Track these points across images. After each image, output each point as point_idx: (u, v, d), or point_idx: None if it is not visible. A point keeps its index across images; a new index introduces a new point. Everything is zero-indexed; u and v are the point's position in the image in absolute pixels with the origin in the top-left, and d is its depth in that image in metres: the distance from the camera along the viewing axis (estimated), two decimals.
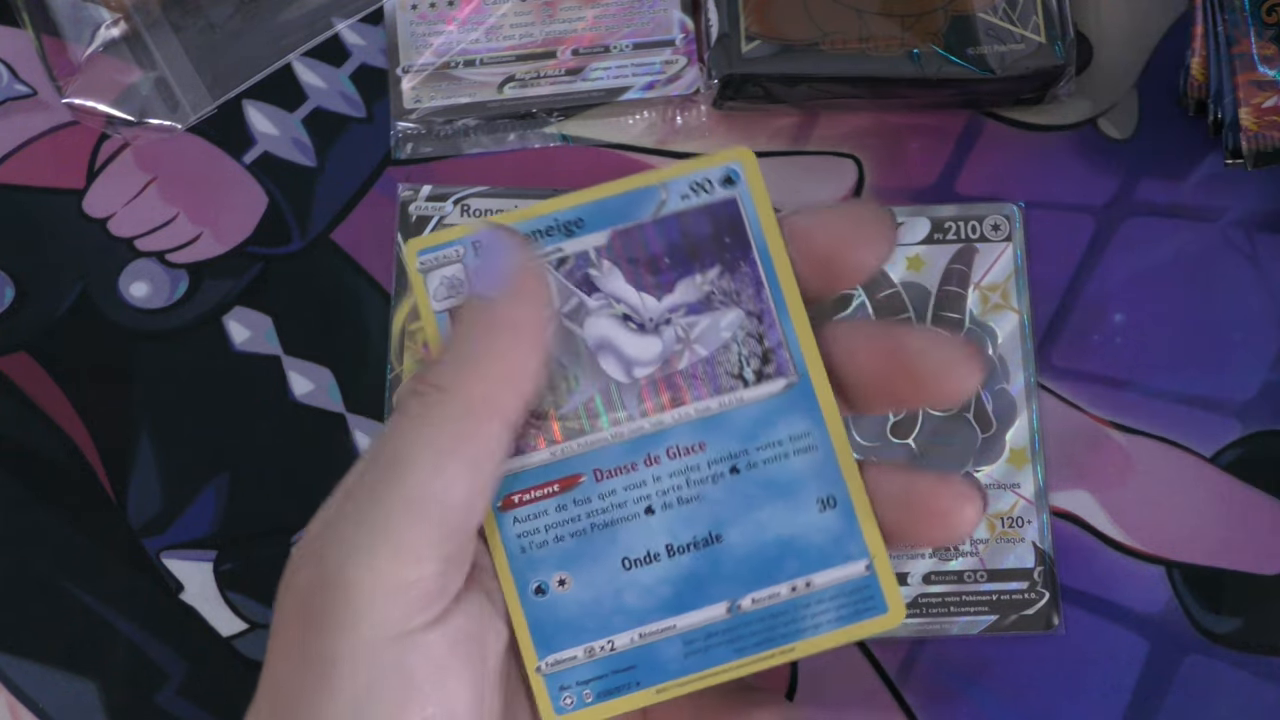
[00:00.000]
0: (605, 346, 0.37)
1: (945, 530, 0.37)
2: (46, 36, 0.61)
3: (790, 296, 0.37)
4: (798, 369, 0.37)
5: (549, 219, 0.38)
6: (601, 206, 0.38)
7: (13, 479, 0.59)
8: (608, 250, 0.38)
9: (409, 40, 0.62)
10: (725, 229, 0.38)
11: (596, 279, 0.38)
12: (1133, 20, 0.63)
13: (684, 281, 0.38)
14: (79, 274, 0.61)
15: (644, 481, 0.37)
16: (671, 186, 0.38)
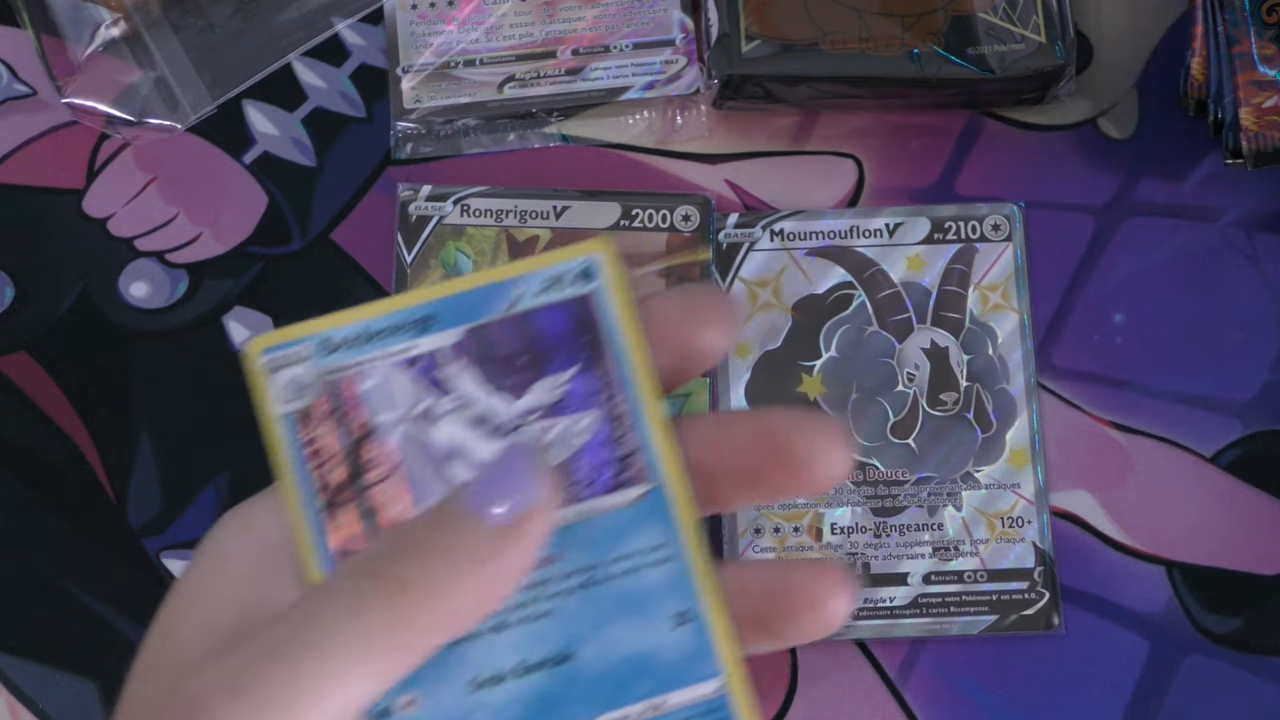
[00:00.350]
0: (455, 452, 0.36)
1: (818, 619, 0.35)
2: (46, 36, 0.61)
3: (649, 398, 0.36)
4: (655, 475, 0.36)
5: (400, 315, 0.36)
6: (455, 302, 0.36)
7: (13, 479, 0.59)
8: (460, 349, 0.36)
9: (409, 40, 0.62)
10: (582, 327, 0.36)
11: (448, 380, 0.36)
12: (1133, 20, 0.63)
13: (539, 383, 0.36)
14: (79, 274, 0.61)
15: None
16: (527, 281, 0.36)
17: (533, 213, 0.60)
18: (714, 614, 0.35)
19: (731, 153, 0.62)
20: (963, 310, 0.59)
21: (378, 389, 0.36)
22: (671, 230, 0.60)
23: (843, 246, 0.60)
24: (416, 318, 0.36)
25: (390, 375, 0.36)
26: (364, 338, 0.36)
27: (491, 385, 0.36)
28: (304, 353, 0.36)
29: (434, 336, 0.36)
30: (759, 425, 0.35)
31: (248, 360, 0.36)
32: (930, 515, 0.58)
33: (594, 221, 0.60)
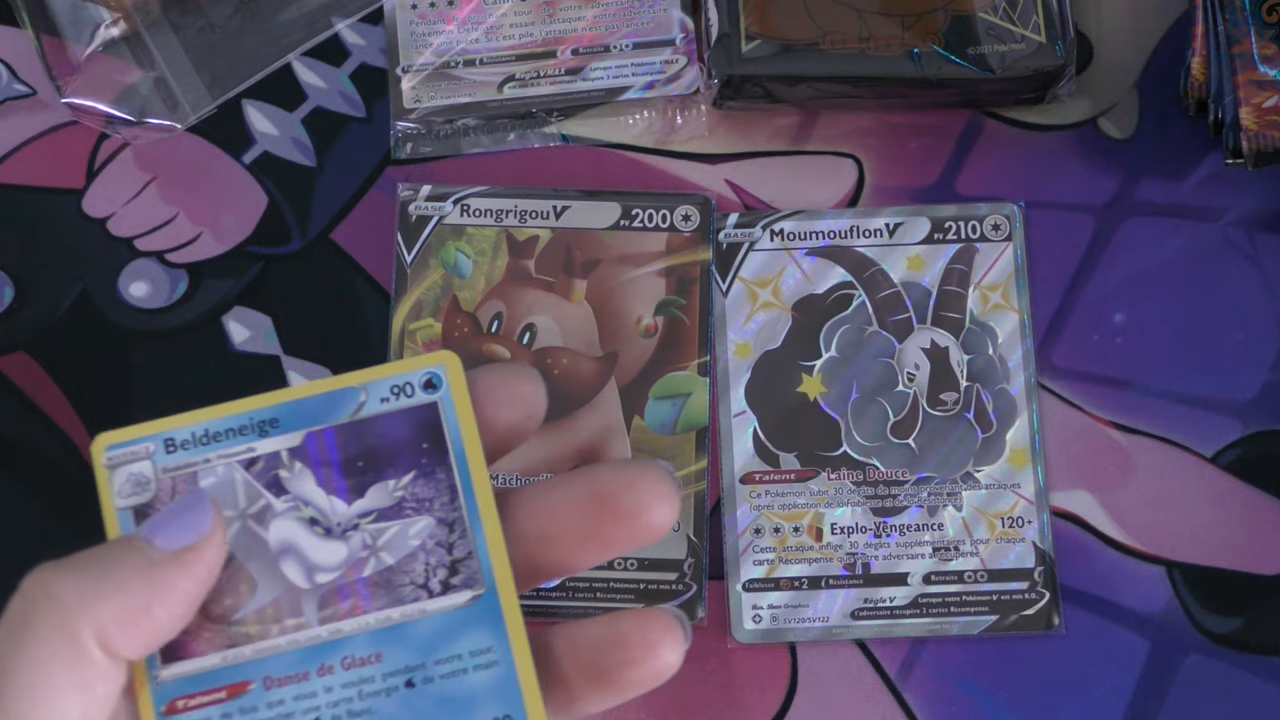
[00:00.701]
0: (289, 550, 0.36)
1: (653, 666, 0.36)
2: (46, 36, 0.61)
3: (484, 506, 0.36)
4: (486, 581, 0.36)
5: (243, 418, 0.37)
6: (298, 407, 0.37)
7: (13, 479, 0.59)
8: (300, 452, 0.37)
9: (409, 40, 0.62)
10: (423, 434, 0.37)
11: (286, 481, 0.37)
12: (1133, 20, 0.63)
13: (376, 486, 0.37)
14: (79, 274, 0.61)
15: (315, 692, 0.36)
16: (371, 389, 0.37)
17: (533, 213, 0.60)
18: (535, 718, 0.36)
19: (731, 153, 0.62)
20: (963, 310, 0.59)
21: (216, 487, 0.37)
22: (671, 230, 0.60)
23: (843, 246, 0.60)
24: (258, 421, 0.37)
25: (229, 474, 0.37)
26: (206, 438, 0.37)
27: (328, 487, 0.37)
28: (146, 450, 0.38)
29: (274, 439, 0.37)
30: (589, 484, 0.36)
31: (93, 455, 0.38)
32: (930, 515, 0.58)
33: (594, 221, 0.60)
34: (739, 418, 0.59)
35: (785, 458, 0.58)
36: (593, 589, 0.57)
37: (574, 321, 0.60)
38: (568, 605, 0.57)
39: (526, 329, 0.59)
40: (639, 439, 0.58)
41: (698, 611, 0.57)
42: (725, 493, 0.58)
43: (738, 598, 0.57)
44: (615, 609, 0.57)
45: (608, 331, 0.59)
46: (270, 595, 0.36)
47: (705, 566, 0.57)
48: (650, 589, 0.57)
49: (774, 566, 0.57)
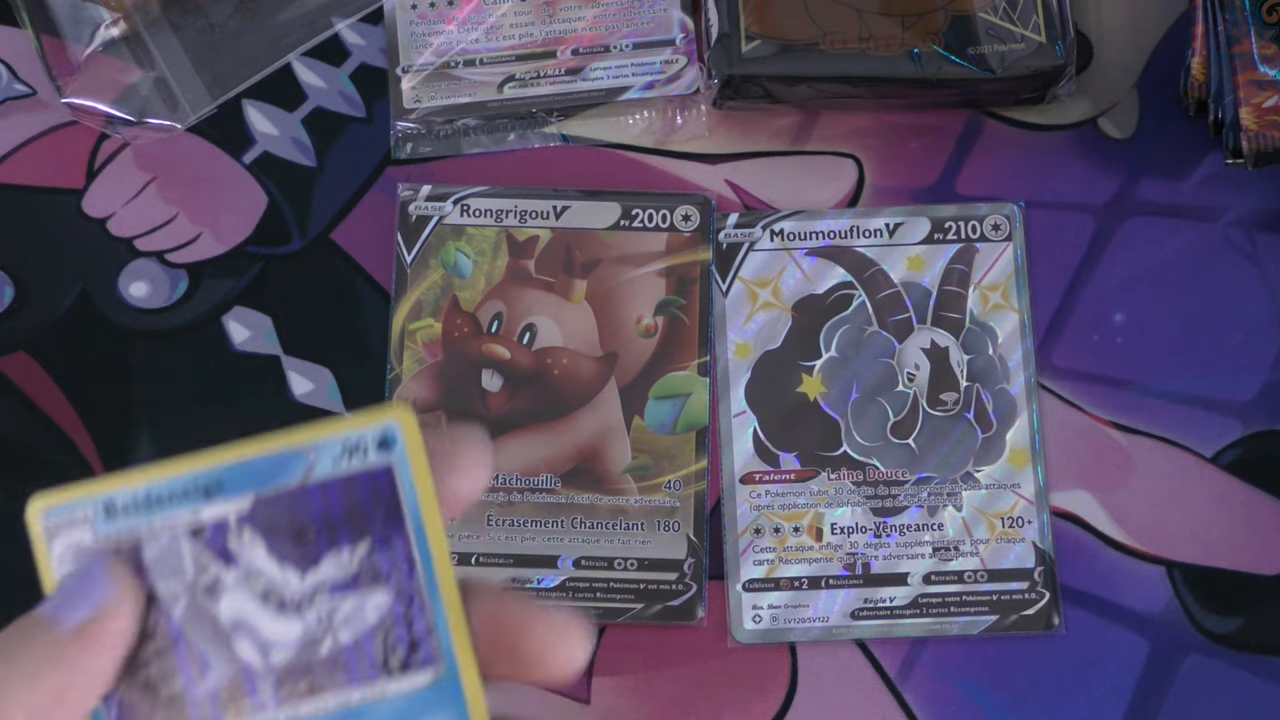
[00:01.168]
0: (241, 626, 0.34)
1: (566, 659, 0.34)
2: (46, 36, 0.61)
3: (444, 578, 0.34)
4: (446, 659, 0.34)
5: (186, 480, 0.34)
6: (245, 468, 0.34)
7: (13, 479, 0.59)
8: (248, 519, 0.34)
9: (409, 40, 0.62)
10: (378, 499, 0.35)
11: (235, 550, 0.34)
12: (1133, 20, 0.63)
13: (331, 556, 0.34)
14: (79, 274, 0.61)
15: None
16: (322, 449, 0.34)
17: (533, 213, 0.60)
18: None
19: (731, 153, 0.62)
20: (963, 310, 0.59)
21: (161, 558, 0.35)
22: (671, 230, 0.60)
23: (843, 246, 0.60)
24: (202, 484, 0.35)
25: (174, 544, 0.35)
26: (147, 502, 0.35)
27: (281, 557, 0.35)
28: (85, 515, 0.35)
29: (220, 504, 0.35)
30: (493, 611, 0.35)
31: (28, 520, 0.35)
32: (930, 515, 0.57)
33: (594, 221, 0.60)
34: (739, 418, 0.59)
35: (785, 458, 0.58)
36: (593, 589, 0.57)
37: (574, 321, 0.60)
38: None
39: (526, 329, 0.59)
40: (639, 439, 0.58)
41: (698, 612, 0.57)
42: (725, 493, 0.58)
43: (737, 597, 0.57)
44: (616, 609, 0.57)
45: (608, 331, 0.59)
46: (224, 675, 0.34)
47: (705, 566, 0.57)
48: (650, 589, 0.57)
49: (774, 566, 0.57)
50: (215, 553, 0.35)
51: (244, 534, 0.35)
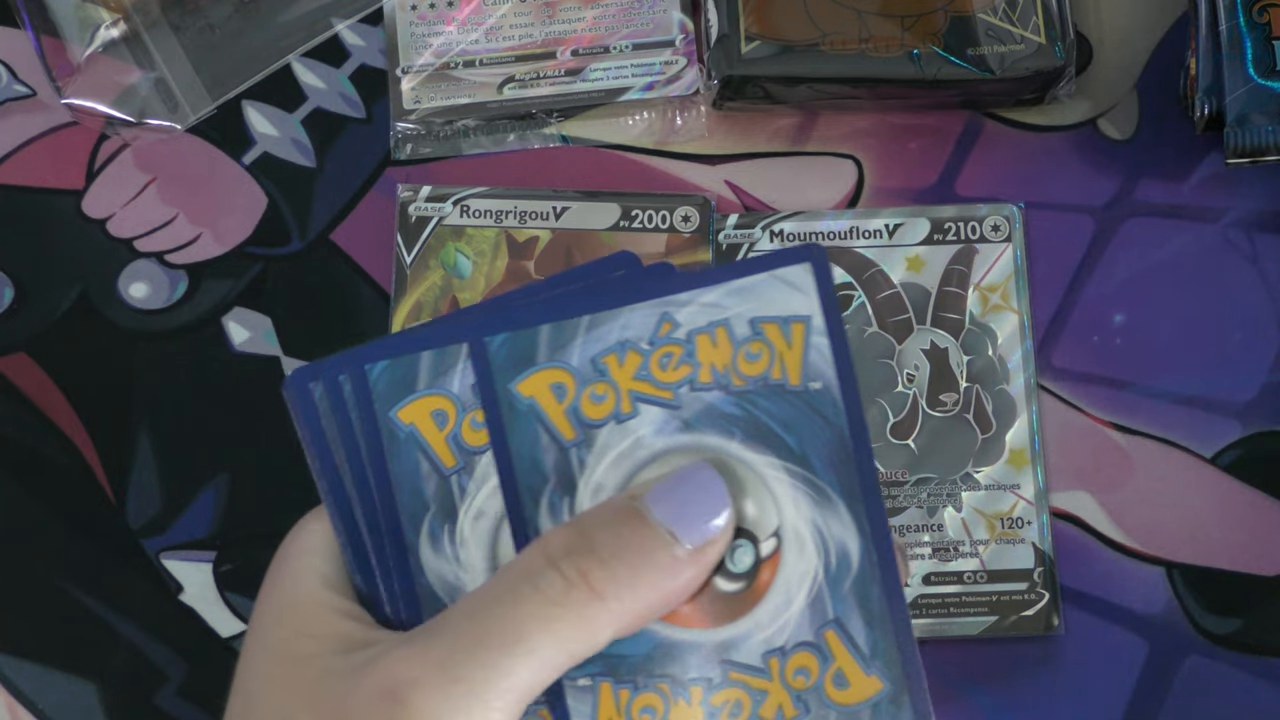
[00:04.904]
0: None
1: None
2: (46, 37, 0.61)
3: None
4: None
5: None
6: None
7: (13, 480, 0.59)
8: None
9: (409, 41, 0.62)
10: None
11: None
12: (1133, 20, 0.63)
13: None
14: (78, 274, 0.61)
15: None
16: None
17: (532, 213, 0.60)
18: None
19: (731, 153, 0.62)
20: (962, 311, 0.59)
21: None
22: (671, 231, 0.60)
23: (842, 247, 0.60)
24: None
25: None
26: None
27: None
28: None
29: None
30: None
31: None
32: (930, 516, 0.57)
33: (594, 222, 0.60)
34: None
35: None
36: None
37: None
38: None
39: None
40: None
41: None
42: None
43: None
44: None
45: None
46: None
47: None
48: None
49: None
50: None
51: None
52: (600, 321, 0.38)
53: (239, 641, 0.57)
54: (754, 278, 0.37)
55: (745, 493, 0.37)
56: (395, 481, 0.37)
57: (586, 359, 0.38)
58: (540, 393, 0.38)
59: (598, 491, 0.38)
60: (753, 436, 0.37)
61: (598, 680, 0.37)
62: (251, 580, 0.58)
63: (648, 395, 0.38)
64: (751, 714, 0.37)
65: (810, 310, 0.37)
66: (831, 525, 0.37)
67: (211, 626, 0.58)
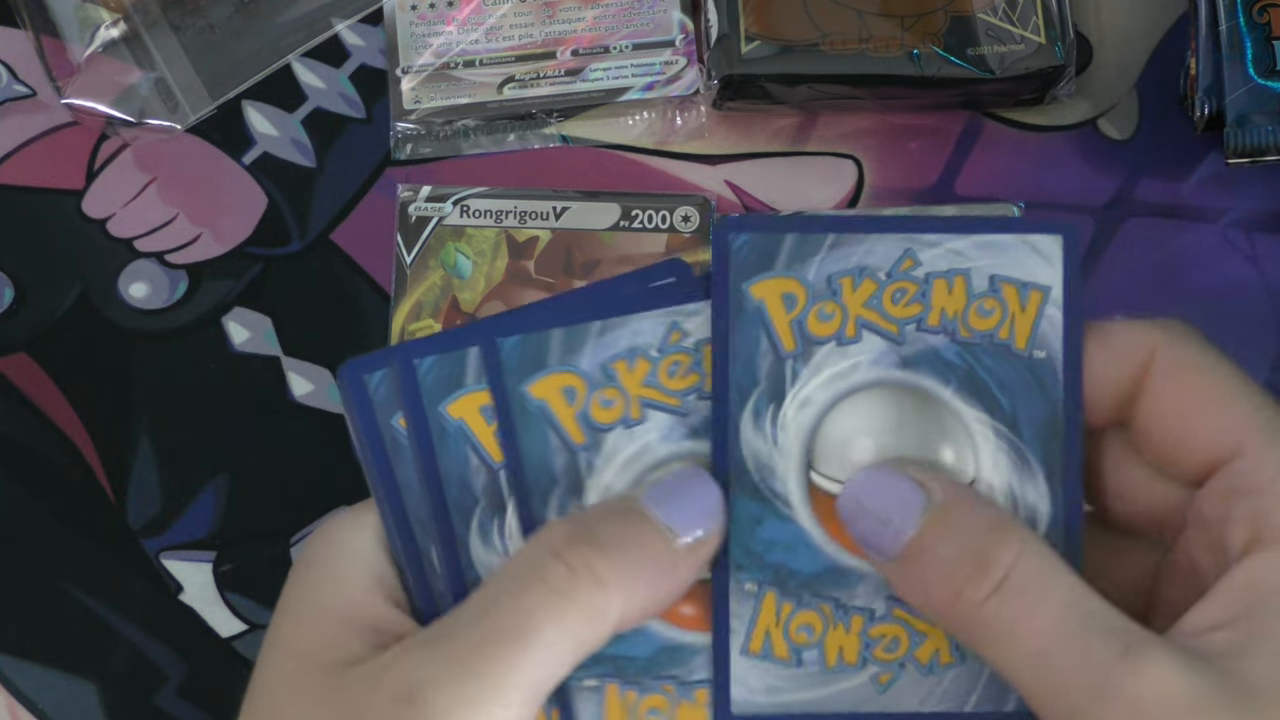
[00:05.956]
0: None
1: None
2: (46, 37, 0.61)
3: None
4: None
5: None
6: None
7: (12, 480, 0.59)
8: None
9: (409, 41, 0.62)
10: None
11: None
12: (1133, 20, 0.63)
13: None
14: (78, 274, 0.61)
15: None
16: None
17: (532, 213, 0.60)
18: None
19: (731, 153, 0.62)
20: None
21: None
22: (671, 231, 0.60)
23: None
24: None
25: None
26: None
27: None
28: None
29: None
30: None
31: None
32: None
33: (594, 222, 0.60)
34: None
35: None
36: None
37: None
38: None
39: None
40: None
41: None
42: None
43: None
44: None
45: None
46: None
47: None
48: None
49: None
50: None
51: None
52: (612, 326, 0.38)
53: (239, 641, 0.57)
54: (1004, 236, 0.37)
55: (947, 439, 0.37)
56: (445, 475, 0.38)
57: (597, 364, 0.38)
58: (551, 395, 0.38)
59: (605, 495, 0.38)
60: (968, 389, 0.37)
61: (604, 681, 0.37)
62: (252, 580, 0.58)
63: (658, 402, 0.38)
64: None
65: (1052, 281, 0.37)
66: (1027, 491, 0.37)
67: (211, 626, 0.58)
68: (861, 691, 0.37)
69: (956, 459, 0.37)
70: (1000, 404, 0.37)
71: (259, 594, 0.58)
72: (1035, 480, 0.37)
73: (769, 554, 0.37)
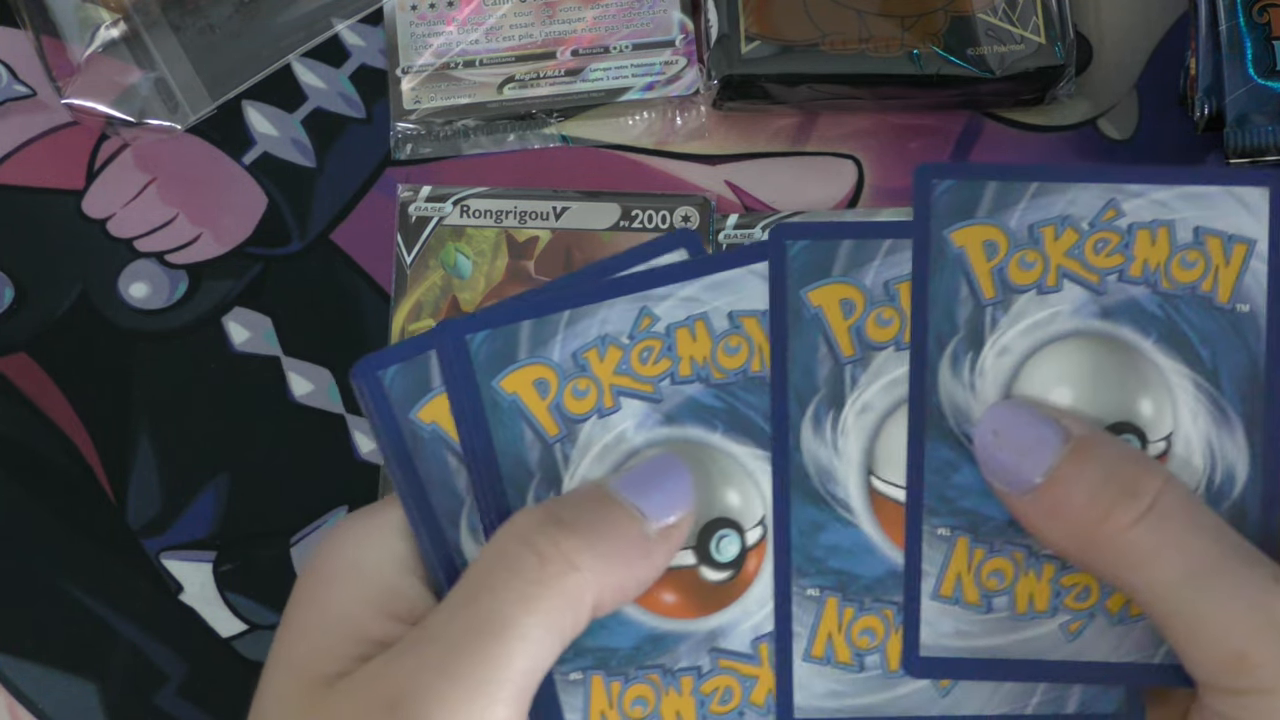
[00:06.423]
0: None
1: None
2: (46, 37, 0.61)
3: None
4: None
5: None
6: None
7: (13, 480, 0.59)
8: None
9: (409, 41, 0.62)
10: None
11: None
12: (1133, 20, 0.63)
13: None
14: (79, 274, 0.61)
15: None
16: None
17: (532, 213, 0.60)
18: None
19: (731, 153, 0.62)
20: None
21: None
22: (671, 231, 0.60)
23: None
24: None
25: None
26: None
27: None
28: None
29: None
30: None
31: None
32: None
33: (594, 222, 0.60)
34: None
35: None
36: None
37: None
38: None
39: None
40: None
41: None
42: None
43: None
44: None
45: None
46: None
47: None
48: None
49: None
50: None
51: None
52: (581, 315, 0.38)
53: (239, 641, 0.57)
54: (1210, 188, 0.37)
55: (1147, 391, 0.37)
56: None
57: (568, 354, 0.38)
58: (523, 389, 0.38)
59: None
60: (1168, 340, 0.37)
61: (589, 674, 0.37)
62: (252, 580, 0.58)
63: (631, 389, 0.38)
64: (742, 701, 0.38)
65: (1257, 235, 0.37)
66: (1225, 445, 0.37)
67: (211, 626, 0.58)
68: (1050, 639, 0.37)
69: (1155, 411, 0.37)
70: (1201, 357, 0.37)
71: (259, 594, 0.58)
72: (1234, 434, 0.37)
73: (963, 500, 0.37)
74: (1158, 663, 0.37)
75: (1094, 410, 0.37)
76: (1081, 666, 0.37)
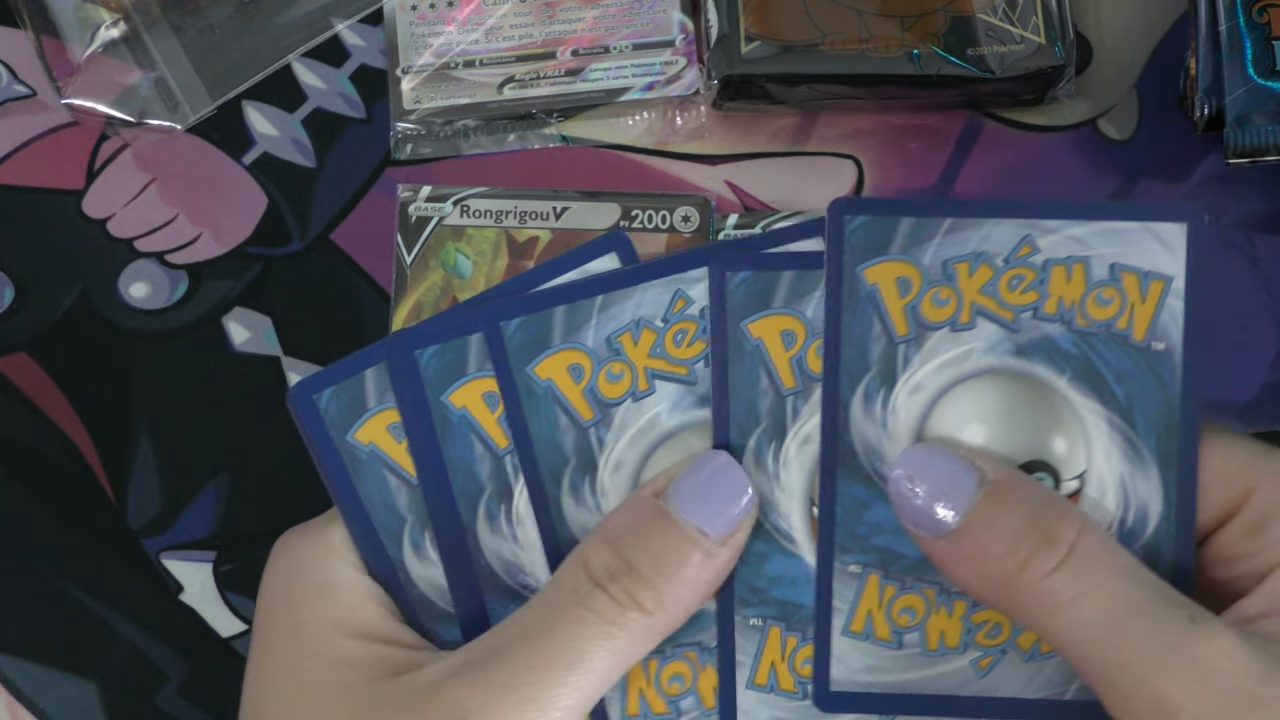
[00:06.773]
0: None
1: None
2: (46, 37, 0.61)
3: None
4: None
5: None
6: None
7: (13, 480, 0.59)
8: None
9: (409, 41, 0.62)
10: None
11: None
12: (1133, 20, 0.63)
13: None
14: (78, 275, 0.61)
15: None
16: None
17: (532, 213, 0.60)
18: None
19: (731, 153, 0.62)
20: None
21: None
22: (671, 231, 0.60)
23: None
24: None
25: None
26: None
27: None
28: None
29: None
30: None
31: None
32: None
33: (594, 222, 0.60)
34: None
35: None
36: None
37: None
38: None
39: None
40: None
41: None
42: None
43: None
44: None
45: None
46: None
47: None
48: None
49: None
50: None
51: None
52: (613, 302, 0.38)
53: (239, 641, 0.57)
54: (1127, 224, 0.37)
55: (1060, 429, 0.37)
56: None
57: (602, 338, 0.38)
58: (557, 374, 0.38)
59: (617, 469, 0.38)
60: (1083, 378, 0.37)
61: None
62: (252, 580, 0.58)
63: (665, 372, 0.38)
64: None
65: (1174, 271, 0.37)
66: (1139, 484, 0.37)
67: (211, 626, 0.58)
68: (961, 675, 0.37)
69: (1069, 449, 0.37)
70: (1116, 395, 0.37)
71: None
72: (1148, 473, 0.37)
73: (875, 537, 0.37)
74: (1069, 699, 0.37)
75: (1007, 449, 0.37)
76: (993, 702, 0.37)
